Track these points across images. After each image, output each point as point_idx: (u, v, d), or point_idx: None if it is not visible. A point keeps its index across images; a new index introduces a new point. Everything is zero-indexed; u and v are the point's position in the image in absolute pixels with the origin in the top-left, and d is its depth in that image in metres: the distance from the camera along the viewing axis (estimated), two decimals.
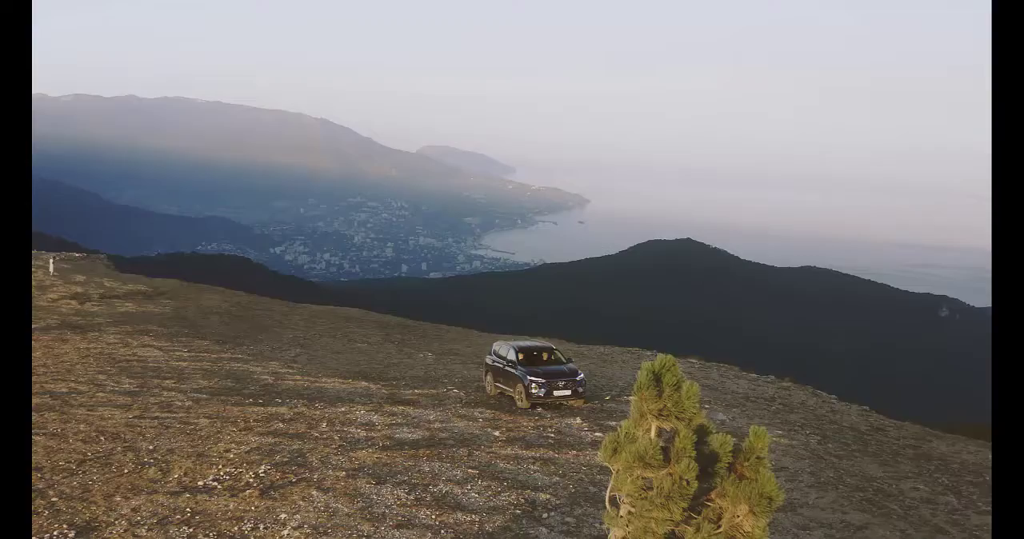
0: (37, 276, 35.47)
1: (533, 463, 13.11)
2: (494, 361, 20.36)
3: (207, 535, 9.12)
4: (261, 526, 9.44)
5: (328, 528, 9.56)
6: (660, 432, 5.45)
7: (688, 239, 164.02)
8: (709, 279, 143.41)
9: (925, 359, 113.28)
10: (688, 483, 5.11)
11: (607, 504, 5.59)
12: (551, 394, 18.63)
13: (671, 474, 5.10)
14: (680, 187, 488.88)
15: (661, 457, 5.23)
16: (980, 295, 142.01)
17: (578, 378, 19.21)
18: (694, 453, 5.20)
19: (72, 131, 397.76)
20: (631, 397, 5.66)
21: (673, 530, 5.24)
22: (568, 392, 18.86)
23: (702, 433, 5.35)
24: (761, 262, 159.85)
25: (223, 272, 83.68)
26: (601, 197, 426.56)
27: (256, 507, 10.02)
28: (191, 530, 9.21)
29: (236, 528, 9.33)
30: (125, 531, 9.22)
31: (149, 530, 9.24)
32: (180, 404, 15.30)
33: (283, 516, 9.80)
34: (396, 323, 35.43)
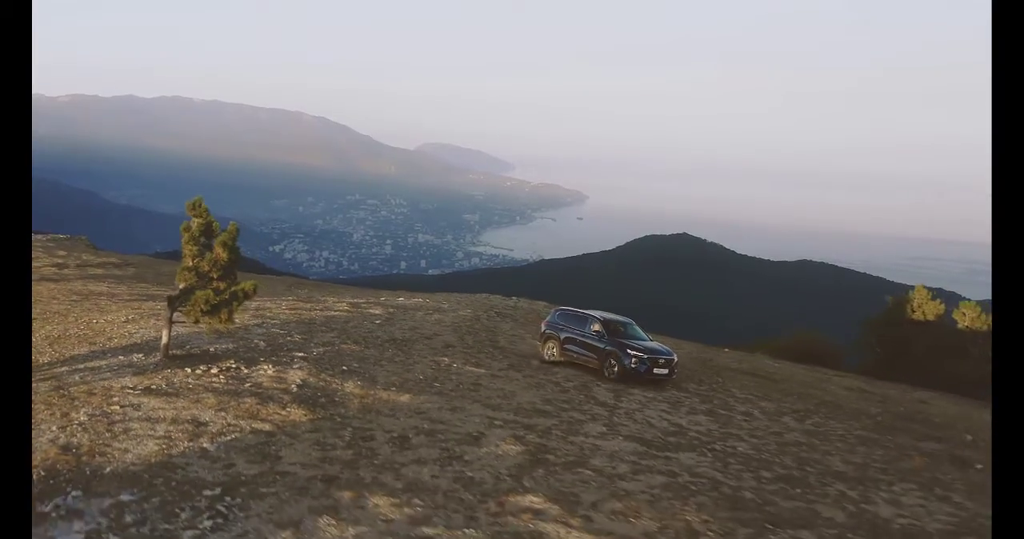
0: None
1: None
2: (561, 329, 20.46)
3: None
4: (93, 320, 19.26)
5: (135, 320, 19.21)
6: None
7: (684, 234, 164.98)
8: (705, 273, 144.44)
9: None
10: (198, 248, 13.77)
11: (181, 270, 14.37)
12: (651, 371, 18.65)
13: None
14: (677, 183, 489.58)
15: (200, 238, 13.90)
16: (977, 288, 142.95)
17: (674, 359, 19.33)
18: (199, 234, 14.17)
19: (71, 131, 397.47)
20: None
21: (201, 285, 13.71)
22: (666, 370, 18.92)
23: (211, 227, 14.53)
24: (757, 256, 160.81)
25: None
26: (599, 193, 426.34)
27: (98, 321, 19.37)
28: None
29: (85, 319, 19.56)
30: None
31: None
32: (105, 304, 22.99)
33: (100, 316, 19.97)
34: (313, 284, 41.30)
